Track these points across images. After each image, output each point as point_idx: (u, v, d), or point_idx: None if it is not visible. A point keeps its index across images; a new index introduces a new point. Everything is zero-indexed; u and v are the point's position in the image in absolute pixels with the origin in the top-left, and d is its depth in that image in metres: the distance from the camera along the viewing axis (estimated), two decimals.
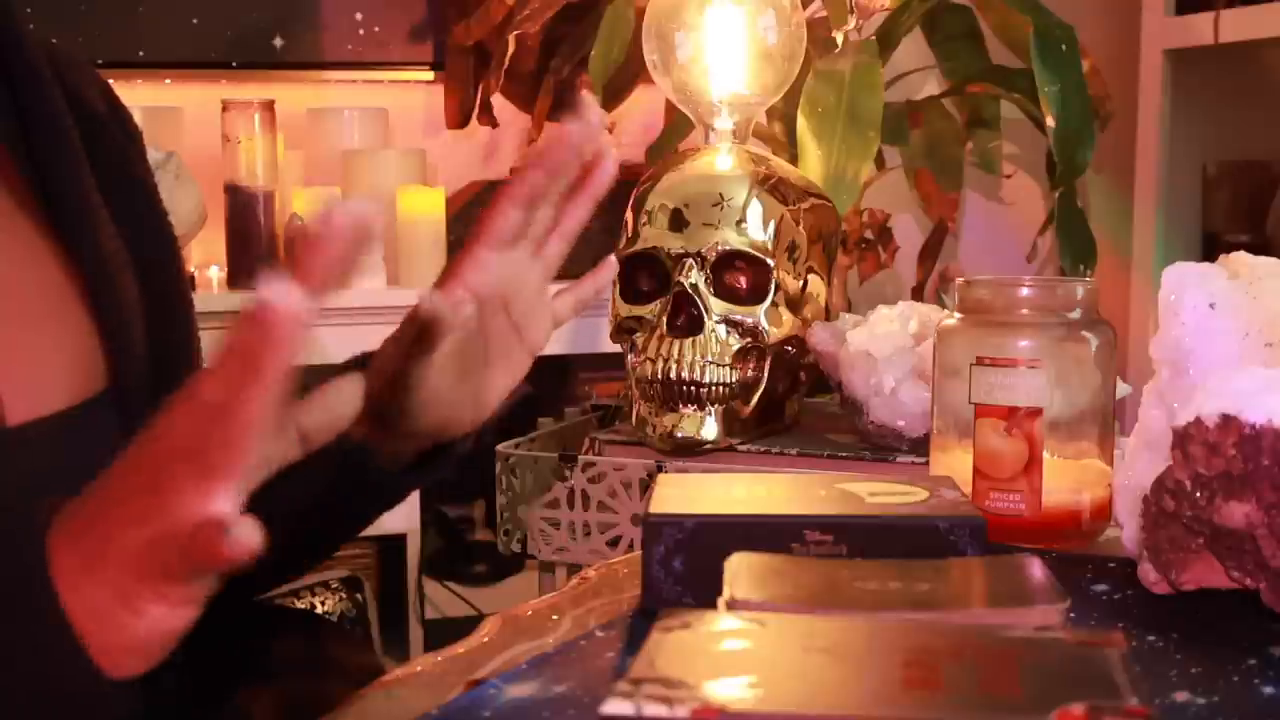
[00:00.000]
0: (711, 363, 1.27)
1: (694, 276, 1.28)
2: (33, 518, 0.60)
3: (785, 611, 0.61)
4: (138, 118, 2.18)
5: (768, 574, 0.66)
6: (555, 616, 0.77)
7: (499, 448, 1.39)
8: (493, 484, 1.39)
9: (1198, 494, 0.70)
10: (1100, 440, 0.92)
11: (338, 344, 2.35)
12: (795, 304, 1.31)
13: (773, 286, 1.29)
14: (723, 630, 0.55)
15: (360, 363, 0.86)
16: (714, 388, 1.27)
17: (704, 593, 0.70)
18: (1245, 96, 2.37)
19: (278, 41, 2.31)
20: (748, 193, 1.30)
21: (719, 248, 1.28)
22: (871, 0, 1.72)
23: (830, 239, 1.38)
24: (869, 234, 2.17)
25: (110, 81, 0.94)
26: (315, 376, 0.60)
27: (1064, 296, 0.91)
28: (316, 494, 0.81)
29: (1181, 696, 0.62)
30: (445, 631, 2.21)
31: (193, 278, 2.00)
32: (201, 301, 2.18)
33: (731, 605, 0.63)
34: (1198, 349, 0.78)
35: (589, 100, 0.76)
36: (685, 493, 0.80)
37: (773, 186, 1.32)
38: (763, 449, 1.28)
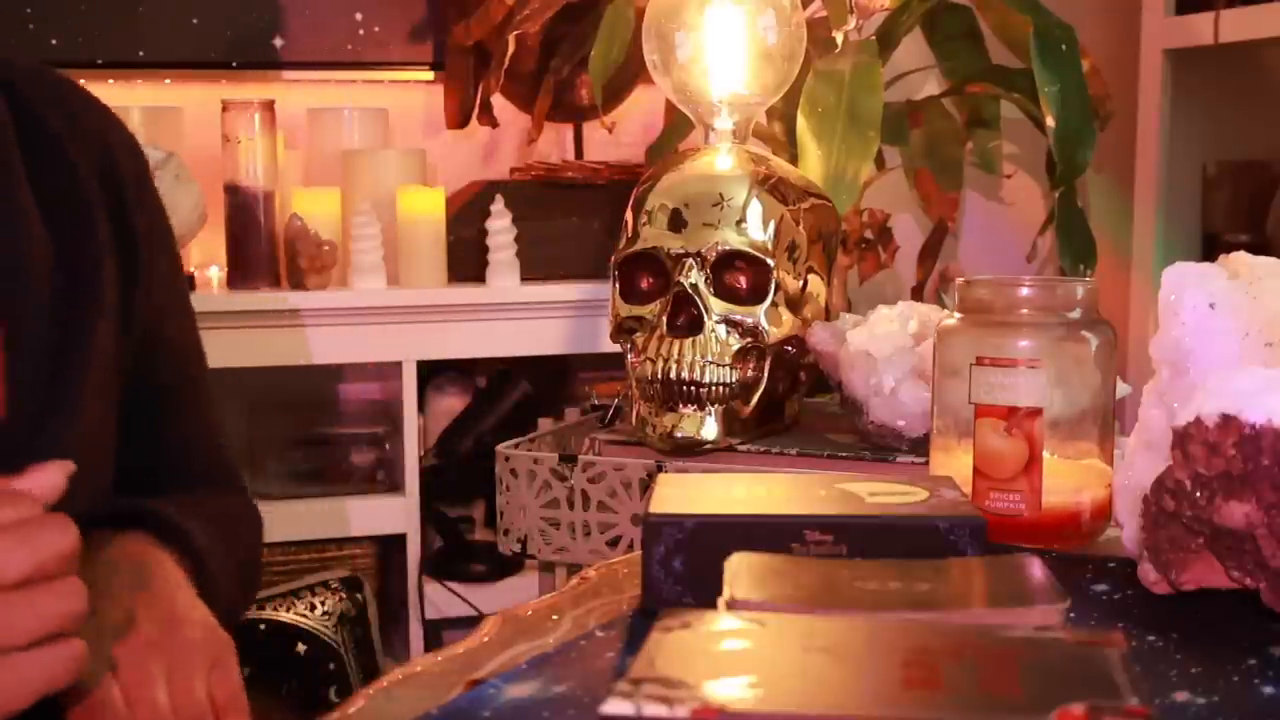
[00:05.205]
0: (711, 363, 1.27)
1: (694, 276, 1.28)
2: None
3: (785, 611, 0.61)
4: (138, 118, 2.18)
5: (768, 574, 0.66)
6: (555, 616, 0.77)
7: (499, 448, 1.39)
8: (493, 484, 1.39)
9: (1198, 494, 0.70)
10: (1100, 440, 0.91)
11: (339, 344, 2.34)
12: (795, 304, 1.31)
13: (773, 286, 1.29)
14: (723, 630, 0.55)
15: None
16: (714, 388, 1.27)
17: (704, 593, 0.70)
18: (1245, 96, 2.37)
19: (278, 41, 2.31)
20: (748, 193, 1.30)
21: (719, 248, 1.28)
22: (871, 0, 1.72)
23: (830, 239, 1.38)
24: (869, 234, 2.17)
25: (106, 103, 0.92)
26: (314, 378, 0.60)
27: (1064, 296, 0.91)
28: None
29: (1181, 696, 0.62)
30: (445, 631, 2.22)
31: (192, 277, 2.00)
32: (201, 302, 2.18)
33: (731, 605, 0.63)
34: (1198, 349, 0.78)
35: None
36: (685, 493, 0.80)
37: (773, 186, 1.31)
38: (763, 449, 1.28)
